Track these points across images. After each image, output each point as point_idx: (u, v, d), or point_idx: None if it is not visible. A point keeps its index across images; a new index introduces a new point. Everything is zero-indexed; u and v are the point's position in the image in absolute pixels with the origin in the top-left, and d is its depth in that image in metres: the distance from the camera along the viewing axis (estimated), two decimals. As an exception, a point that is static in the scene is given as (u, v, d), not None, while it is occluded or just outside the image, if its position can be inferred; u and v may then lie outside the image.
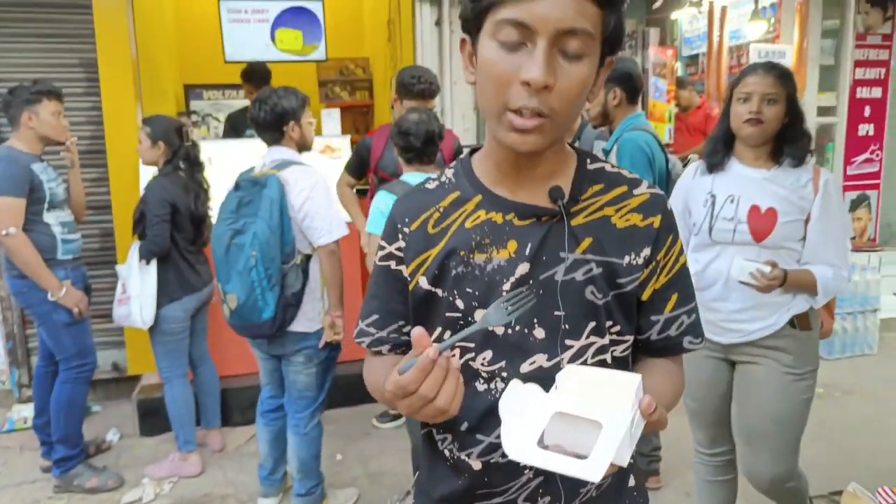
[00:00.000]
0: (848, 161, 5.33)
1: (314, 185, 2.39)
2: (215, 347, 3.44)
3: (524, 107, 0.79)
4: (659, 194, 0.95)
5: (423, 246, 0.94)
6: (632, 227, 0.91)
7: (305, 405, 2.58)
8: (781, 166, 1.95)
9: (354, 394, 3.74)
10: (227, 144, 3.89)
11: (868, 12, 5.16)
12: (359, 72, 6.59)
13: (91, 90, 3.85)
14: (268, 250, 2.31)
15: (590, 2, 0.78)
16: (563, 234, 0.88)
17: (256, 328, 2.40)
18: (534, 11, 0.76)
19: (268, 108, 2.43)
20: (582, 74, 0.80)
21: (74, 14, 3.79)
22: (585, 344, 0.90)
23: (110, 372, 4.08)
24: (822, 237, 1.92)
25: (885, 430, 3.43)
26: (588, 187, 0.92)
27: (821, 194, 1.90)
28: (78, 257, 3.02)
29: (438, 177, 1.00)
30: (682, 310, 0.97)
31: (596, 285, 0.89)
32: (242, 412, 3.64)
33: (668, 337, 0.97)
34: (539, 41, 0.77)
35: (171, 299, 2.97)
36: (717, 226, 1.97)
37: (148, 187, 2.97)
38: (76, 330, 2.96)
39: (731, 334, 2.01)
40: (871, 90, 5.29)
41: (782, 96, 1.92)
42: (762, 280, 1.85)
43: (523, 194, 0.91)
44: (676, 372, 1.00)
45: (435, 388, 0.73)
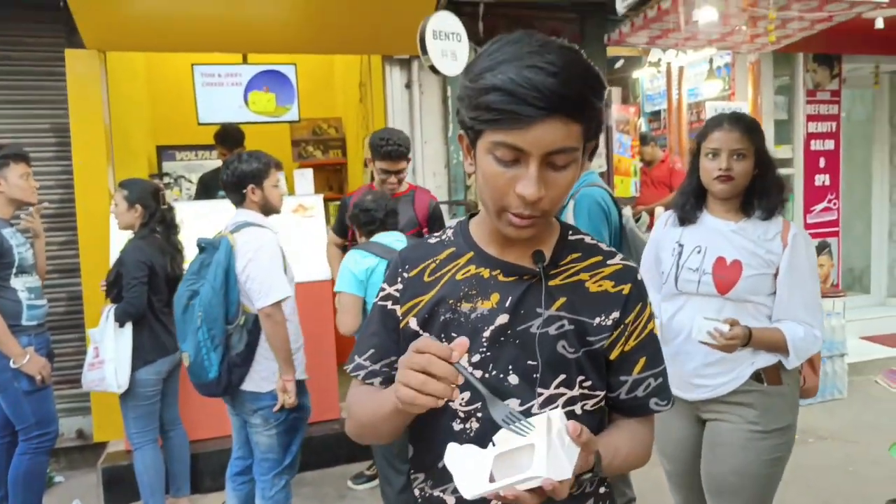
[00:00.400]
0: (807, 210, 5.53)
1: (258, 247, 2.43)
2: (185, 410, 3.36)
3: (520, 213, 0.91)
4: (631, 266, 1.05)
5: (419, 291, 1.04)
6: (603, 292, 1.01)
7: (269, 468, 2.55)
8: (751, 218, 1.92)
9: (328, 454, 3.67)
10: (198, 206, 3.91)
11: (816, 70, 5.46)
12: (331, 131, 6.71)
13: (62, 154, 3.86)
14: (210, 311, 2.37)
15: (574, 122, 0.87)
16: (540, 292, 0.98)
17: (207, 387, 2.46)
18: (526, 138, 0.85)
19: (229, 171, 2.55)
20: (568, 179, 0.91)
21: (47, 81, 3.84)
22: (555, 393, 0.98)
23: (74, 439, 3.95)
24: (789, 293, 1.87)
25: (858, 474, 3.45)
26: (567, 255, 1.03)
27: (788, 248, 1.87)
28: (42, 323, 2.97)
29: (440, 234, 1.11)
30: (650, 373, 1.04)
31: (567, 340, 0.98)
32: (213, 477, 3.53)
33: (635, 397, 1.04)
34: (531, 161, 0.87)
35: (145, 362, 2.92)
36: (683, 276, 1.95)
37: (125, 250, 2.96)
38: (38, 398, 2.87)
39: (697, 390, 1.96)
40: (824, 142, 5.54)
41: (751, 150, 1.89)
42: (720, 339, 1.79)
43: (510, 255, 1.01)
44: (642, 431, 1.07)
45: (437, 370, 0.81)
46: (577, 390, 0.99)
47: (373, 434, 1.04)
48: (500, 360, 0.97)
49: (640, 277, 1.04)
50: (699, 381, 1.95)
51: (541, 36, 0.88)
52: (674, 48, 4.96)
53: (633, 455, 1.03)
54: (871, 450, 3.68)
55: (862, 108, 6.59)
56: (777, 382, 1.90)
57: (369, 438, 1.07)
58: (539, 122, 0.84)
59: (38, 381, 2.83)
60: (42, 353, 2.90)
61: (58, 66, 3.74)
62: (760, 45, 4.60)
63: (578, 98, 0.86)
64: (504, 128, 0.85)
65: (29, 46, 3.84)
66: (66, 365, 3.71)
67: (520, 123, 0.84)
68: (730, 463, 1.92)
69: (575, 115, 0.86)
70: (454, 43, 3.83)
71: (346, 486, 3.54)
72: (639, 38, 4.49)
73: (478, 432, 0.97)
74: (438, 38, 3.76)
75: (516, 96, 0.83)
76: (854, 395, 4.61)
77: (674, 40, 4.47)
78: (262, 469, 2.56)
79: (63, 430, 3.85)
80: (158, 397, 3.02)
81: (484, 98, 0.86)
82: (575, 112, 0.86)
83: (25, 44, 3.83)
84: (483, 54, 0.90)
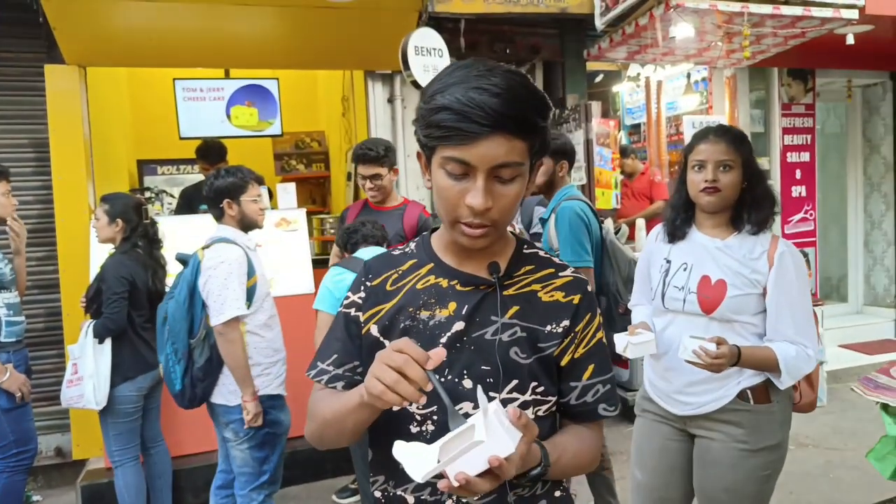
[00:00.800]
0: (785, 221, 5.63)
1: (218, 264, 2.44)
2: (167, 426, 3.32)
3: (471, 223, 0.97)
4: (582, 279, 1.12)
5: (381, 299, 1.09)
6: (555, 302, 1.08)
7: (245, 482, 2.55)
8: (739, 234, 1.88)
9: (313, 469, 3.65)
10: (178, 220, 3.89)
11: (790, 84, 5.58)
12: (314, 145, 6.71)
13: (41, 169, 3.83)
14: (174, 325, 2.43)
15: (517, 139, 0.93)
16: (496, 301, 1.05)
17: (175, 399, 2.54)
18: (472, 153, 0.92)
19: (208, 186, 2.60)
20: (515, 192, 0.98)
21: (27, 96, 3.82)
22: (508, 398, 1.03)
23: (53, 457, 3.89)
24: (777, 312, 1.82)
25: (839, 480, 3.50)
26: (521, 266, 1.10)
27: (775, 268, 1.81)
28: (21, 339, 2.93)
29: (405, 247, 1.17)
30: (598, 379, 1.10)
31: (520, 347, 1.04)
32: (195, 493, 3.49)
33: (585, 402, 1.10)
34: (478, 175, 0.94)
35: (124, 378, 2.87)
36: (669, 293, 1.93)
37: (105, 264, 2.93)
38: (16, 415, 2.83)
39: (683, 406, 1.94)
40: (799, 155, 5.66)
41: (738, 162, 1.85)
42: (705, 358, 1.73)
43: (468, 266, 1.08)
44: (590, 436, 1.12)
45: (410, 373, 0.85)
46: (530, 395, 1.05)
47: (336, 431, 1.04)
48: (456, 365, 1.02)
49: (590, 289, 1.12)
50: (685, 398, 1.93)
51: (490, 62, 0.96)
52: (652, 63, 5.05)
53: (581, 457, 1.09)
54: (850, 456, 3.74)
55: (835, 121, 6.74)
56: (765, 401, 1.85)
57: (331, 437, 1.07)
58: (484, 139, 0.91)
59: (18, 399, 2.79)
60: (21, 369, 2.86)
61: (37, 81, 3.73)
62: (736, 61, 4.70)
63: (520, 117, 0.92)
64: (453, 144, 0.93)
65: (8, 61, 3.82)
66: (45, 382, 3.65)
67: (466, 140, 0.91)
68: (722, 480, 1.90)
69: (518, 132, 0.93)
70: (436, 58, 3.87)
71: (331, 500, 3.51)
72: (618, 53, 4.57)
73: (433, 434, 1.01)
74: (420, 53, 3.80)
75: (463, 115, 0.90)
76: (833, 403, 4.68)
77: (652, 55, 4.56)
78: (239, 483, 2.57)
79: (41, 447, 3.79)
80: (140, 414, 2.98)
81: (435, 117, 0.93)
82: (517, 129, 0.93)
83: (4, 59, 3.81)
84: (436, 79, 0.97)
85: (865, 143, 6.27)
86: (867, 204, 6.30)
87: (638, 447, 2.12)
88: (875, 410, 2.26)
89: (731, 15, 3.79)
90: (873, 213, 6.26)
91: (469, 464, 0.84)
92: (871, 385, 2.10)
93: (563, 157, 2.84)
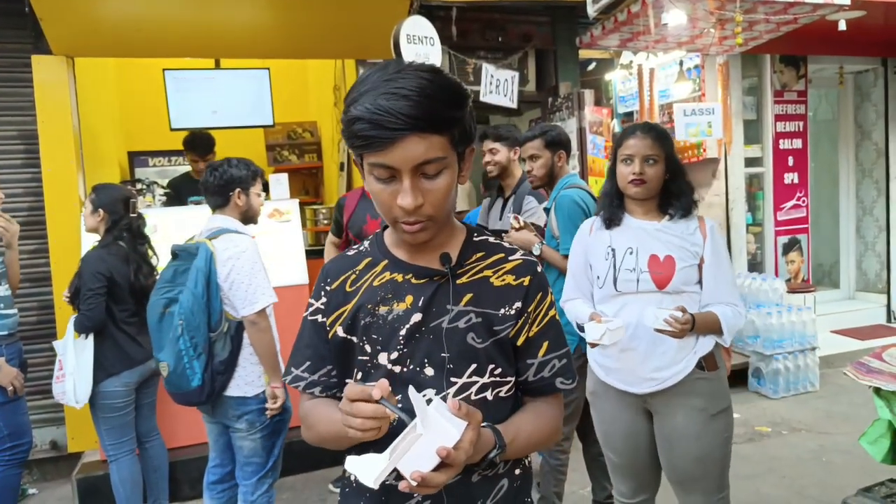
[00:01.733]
0: (777, 207, 5.65)
1: (240, 253, 2.40)
2: (161, 419, 3.32)
3: (405, 221, 1.02)
4: (531, 260, 1.16)
5: (342, 301, 1.13)
6: (506, 286, 1.12)
7: (252, 472, 2.52)
8: (673, 218, 2.07)
9: (309, 459, 3.65)
10: (171, 212, 3.87)
11: (783, 71, 5.58)
12: (306, 135, 6.68)
13: (30, 161, 3.80)
14: (192, 319, 2.33)
15: (435, 135, 0.97)
16: (449, 291, 1.09)
17: (187, 396, 2.41)
18: (392, 156, 0.96)
19: (217, 174, 2.51)
20: (444, 185, 1.01)
21: (14, 87, 3.78)
22: (468, 382, 1.08)
23: (48, 451, 3.89)
24: (716, 279, 2.03)
25: (831, 464, 3.53)
26: (472, 254, 1.14)
27: (709, 240, 2.04)
28: (13, 332, 2.91)
29: (359, 246, 1.21)
30: (554, 354, 1.15)
31: (475, 332, 1.09)
32: (192, 485, 3.49)
33: (542, 378, 1.15)
34: (404, 176, 0.98)
35: (108, 374, 2.83)
36: (621, 277, 2.05)
37: (84, 259, 2.89)
38: (10, 409, 2.82)
39: (645, 384, 2.04)
40: (792, 141, 5.67)
41: (661, 156, 2.06)
42: (676, 325, 1.91)
43: (420, 259, 1.12)
44: (548, 410, 1.18)
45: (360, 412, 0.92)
46: (489, 378, 1.09)
47: (335, 447, 1.12)
48: (416, 355, 1.07)
49: (540, 270, 1.16)
50: (646, 374, 2.04)
51: (403, 63, 0.99)
52: (644, 50, 5.04)
53: (539, 433, 1.14)
54: (843, 440, 3.77)
55: (827, 108, 6.76)
56: (714, 367, 2.04)
57: (332, 448, 1.14)
58: (399, 142, 0.95)
59: (10, 393, 2.78)
60: (14, 363, 2.84)
61: (24, 72, 3.69)
62: (728, 48, 4.69)
63: (430, 115, 0.95)
64: (373, 151, 0.97)
65: (-6, 53, 3.78)
66: (39, 375, 3.63)
67: (383, 145, 0.95)
68: (691, 452, 2.02)
69: (432, 129, 0.96)
70: (427, 47, 3.85)
71: (328, 489, 3.52)
72: (610, 40, 4.55)
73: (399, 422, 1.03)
74: (412, 42, 3.77)
75: (374, 123, 0.94)
76: (826, 388, 4.72)
77: (644, 43, 4.54)
78: (245, 474, 2.53)
79: (37, 440, 3.78)
80: (131, 408, 2.95)
81: (352, 128, 0.97)
82: (431, 127, 0.96)
83: (-9, 49, 3.77)
84: (352, 88, 1.00)
85: (857, 130, 6.29)
86: (859, 190, 6.33)
87: (604, 433, 2.24)
88: (867, 394, 2.29)
89: (724, 1, 3.78)
90: (865, 199, 6.29)
91: (420, 460, 0.88)
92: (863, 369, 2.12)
93: (560, 147, 2.87)
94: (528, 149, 2.87)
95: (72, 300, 2.88)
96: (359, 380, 1.11)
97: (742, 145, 5.45)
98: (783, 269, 5.68)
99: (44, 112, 3.65)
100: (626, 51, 5.27)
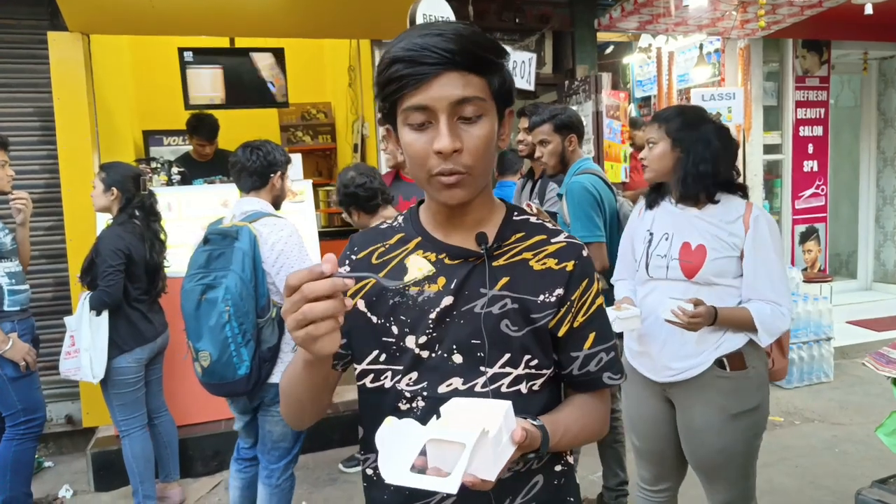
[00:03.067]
0: (796, 196, 5.56)
1: (287, 238, 2.34)
2: (176, 396, 3.35)
3: (443, 170, 0.93)
4: (576, 244, 1.07)
5: (366, 272, 1.05)
6: (547, 270, 1.03)
7: (280, 456, 2.48)
8: (714, 203, 1.97)
9: (320, 439, 3.68)
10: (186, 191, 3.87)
11: (805, 56, 5.47)
12: (321, 116, 6.66)
13: (46, 138, 3.81)
14: (241, 305, 2.24)
15: (472, 74, 0.92)
16: (484, 273, 1.01)
17: (231, 386, 2.30)
18: (428, 95, 0.91)
19: (261, 154, 2.44)
20: (483, 132, 0.94)
21: (30, 63, 3.78)
22: (499, 372, 1.01)
23: (64, 425, 3.94)
24: (754, 273, 1.92)
25: (845, 454, 3.50)
26: (511, 235, 1.05)
27: (751, 230, 1.92)
28: (25, 308, 2.93)
29: (392, 220, 1.13)
30: (601, 347, 1.06)
31: (510, 319, 1.01)
32: (205, 462, 3.54)
33: (588, 372, 1.06)
34: (440, 116, 0.92)
35: (121, 351, 2.85)
36: (653, 262, 2.03)
37: (101, 236, 2.88)
38: (23, 384, 2.85)
39: (663, 372, 2.01)
40: (812, 129, 5.57)
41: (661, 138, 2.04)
42: (682, 317, 1.84)
43: (455, 238, 1.04)
44: (596, 406, 1.09)
45: (314, 293, 0.77)
46: (523, 369, 1.01)
47: (295, 405, 1.03)
48: (445, 340, 1.00)
49: (585, 254, 1.06)
50: (663, 362, 2.01)
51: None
52: (664, 33, 4.96)
53: (587, 431, 1.07)
54: (857, 431, 3.74)
55: (850, 95, 6.63)
56: (741, 368, 1.94)
57: (294, 413, 1.05)
58: (436, 78, 0.90)
59: (23, 368, 2.81)
60: (26, 338, 2.87)
61: (41, 48, 3.68)
62: (750, 31, 4.60)
63: (469, 52, 0.91)
64: (408, 92, 0.91)
65: (10, 29, 3.78)
66: (54, 350, 3.65)
67: (419, 82, 0.90)
68: (713, 445, 1.98)
69: (470, 67, 0.91)
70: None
71: (338, 469, 3.55)
72: (629, 23, 4.48)
73: (423, 411, 0.99)
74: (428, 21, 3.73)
75: (410, 60, 0.90)
76: (840, 378, 4.67)
77: (664, 25, 4.47)
78: (272, 458, 2.48)
79: (52, 415, 3.84)
80: (141, 384, 2.98)
81: (387, 73, 0.93)
82: (469, 64, 0.91)
83: (7, 26, 3.76)
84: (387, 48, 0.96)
85: (880, 117, 6.17)
86: (879, 179, 6.22)
87: (629, 416, 2.21)
88: (883, 385, 2.26)
89: (747, -17, 3.70)
90: (885, 188, 6.18)
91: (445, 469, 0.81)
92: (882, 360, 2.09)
93: (570, 130, 2.79)
94: (538, 134, 2.82)
95: (83, 277, 2.88)
96: (382, 361, 1.04)
97: (761, 132, 5.37)
98: (800, 258, 5.61)
99: (60, 89, 3.65)
100: (646, 33, 5.19)
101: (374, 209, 2.60)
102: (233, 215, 2.44)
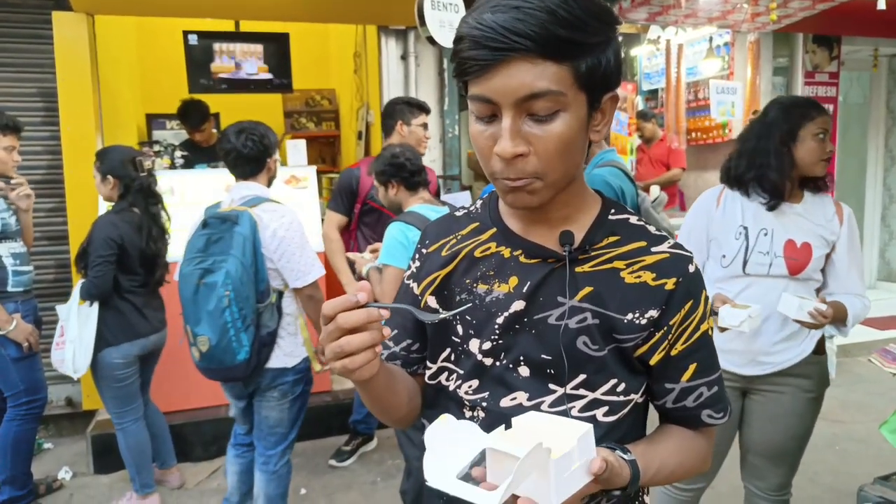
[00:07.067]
0: (801, 192, 5.53)
1: (289, 224, 2.31)
2: (176, 379, 3.35)
3: (505, 176, 0.81)
4: (682, 255, 0.90)
5: (434, 267, 0.96)
6: (641, 285, 0.87)
7: (276, 441, 2.48)
8: (806, 197, 1.99)
9: (319, 426, 3.68)
10: (188, 174, 3.85)
11: (815, 51, 5.42)
12: (325, 103, 6.62)
13: (49, 120, 3.79)
14: (241, 289, 2.22)
15: (549, 62, 0.75)
16: (564, 279, 0.87)
17: (229, 371, 2.29)
18: (491, 86, 0.77)
19: (256, 138, 2.37)
20: (559, 131, 0.78)
21: (34, 44, 3.75)
22: (571, 394, 0.88)
23: (63, 407, 3.94)
24: (848, 269, 1.98)
25: (845, 452, 3.50)
26: (603, 238, 0.90)
27: (846, 227, 1.98)
28: (29, 289, 2.92)
29: (470, 206, 1.02)
30: (702, 381, 0.92)
31: (590, 336, 0.87)
32: (204, 447, 3.54)
33: (684, 407, 0.93)
34: (504, 113, 0.78)
35: (107, 343, 2.75)
36: (752, 259, 1.96)
37: (95, 223, 2.78)
38: (26, 365, 2.84)
39: (758, 366, 2.01)
40: (820, 124, 5.52)
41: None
42: (820, 319, 1.83)
43: (535, 234, 0.91)
44: (697, 442, 0.95)
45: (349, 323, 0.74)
46: (601, 394, 0.88)
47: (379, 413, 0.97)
48: (512, 350, 0.88)
49: (692, 269, 0.89)
50: (764, 357, 2.01)
51: None
52: (673, 25, 4.90)
53: (684, 469, 0.93)
54: (858, 429, 3.73)
55: (859, 91, 6.57)
56: (823, 351, 2.04)
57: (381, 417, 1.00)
58: (500, 66, 0.75)
59: (26, 349, 2.81)
60: (29, 319, 2.86)
61: (45, 28, 3.65)
62: (761, 24, 4.55)
63: (542, 33, 0.73)
64: (473, 78, 0.78)
65: (15, 8, 3.74)
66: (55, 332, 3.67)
67: (481, 70, 0.76)
68: (792, 429, 2.04)
69: (544, 52, 0.74)
70: (452, 14, 3.75)
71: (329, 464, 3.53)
72: (638, 14, 4.43)
73: (483, 424, 0.88)
74: (437, 8, 3.68)
75: (474, 41, 0.76)
76: (842, 376, 4.65)
77: (674, 17, 4.41)
78: (268, 444, 2.47)
79: (52, 397, 3.83)
80: (133, 379, 2.87)
81: (455, 50, 0.79)
82: (543, 49, 0.74)
83: (11, 5, 3.73)
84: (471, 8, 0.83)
85: (889, 115, 6.12)
86: (886, 177, 6.18)
87: None
88: (884, 384, 2.25)
89: (760, -25, 3.65)
90: (892, 186, 6.15)
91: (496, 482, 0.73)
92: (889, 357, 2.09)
93: None
94: None
95: (77, 265, 2.82)
96: (452, 361, 0.94)
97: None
98: (804, 254, 5.58)
99: (64, 69, 3.62)
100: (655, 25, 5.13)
101: (416, 186, 2.50)
102: (231, 199, 2.41)
